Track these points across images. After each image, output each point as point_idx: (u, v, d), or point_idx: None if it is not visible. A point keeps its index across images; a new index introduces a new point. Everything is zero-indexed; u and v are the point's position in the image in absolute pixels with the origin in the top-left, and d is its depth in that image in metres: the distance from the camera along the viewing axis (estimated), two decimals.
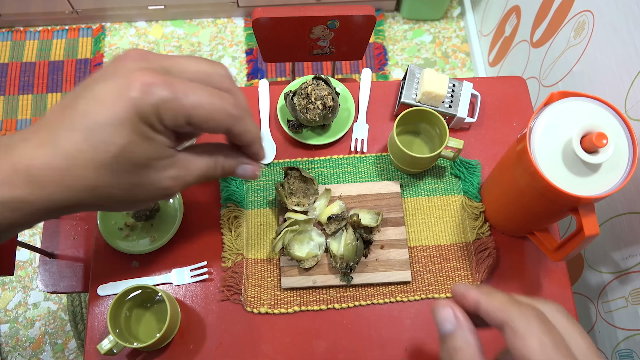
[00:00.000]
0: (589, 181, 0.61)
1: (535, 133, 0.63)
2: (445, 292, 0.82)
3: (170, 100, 0.42)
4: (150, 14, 1.95)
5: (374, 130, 0.93)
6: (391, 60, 1.94)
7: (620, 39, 0.95)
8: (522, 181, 0.67)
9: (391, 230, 0.84)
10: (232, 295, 0.81)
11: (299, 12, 1.06)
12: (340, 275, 0.81)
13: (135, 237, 0.83)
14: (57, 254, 1.16)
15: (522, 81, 0.98)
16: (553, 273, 0.84)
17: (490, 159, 0.91)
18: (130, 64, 0.43)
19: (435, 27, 2.00)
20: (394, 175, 0.90)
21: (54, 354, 1.53)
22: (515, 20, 1.52)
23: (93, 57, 1.92)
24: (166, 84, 0.42)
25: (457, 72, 1.91)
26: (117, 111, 0.40)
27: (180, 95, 0.43)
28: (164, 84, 0.42)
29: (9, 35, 1.95)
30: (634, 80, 0.91)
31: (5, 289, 1.60)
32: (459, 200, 0.88)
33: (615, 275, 0.97)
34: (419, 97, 0.89)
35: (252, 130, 0.50)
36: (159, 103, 0.42)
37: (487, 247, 0.83)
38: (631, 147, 0.62)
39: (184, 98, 0.43)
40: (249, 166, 0.53)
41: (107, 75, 0.42)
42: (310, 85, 0.84)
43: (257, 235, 0.85)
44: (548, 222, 0.77)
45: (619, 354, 0.97)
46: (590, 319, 1.06)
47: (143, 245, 0.82)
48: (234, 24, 1.98)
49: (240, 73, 1.90)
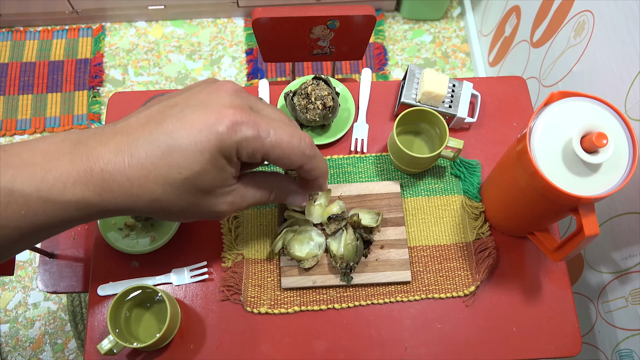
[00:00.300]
0: (589, 181, 0.61)
1: (535, 133, 0.63)
2: (445, 292, 0.82)
3: (253, 139, 0.45)
4: (150, 14, 1.95)
5: (374, 130, 0.93)
6: (391, 60, 1.94)
7: (620, 39, 0.95)
8: (522, 181, 0.67)
9: (391, 230, 0.84)
10: (232, 295, 0.81)
11: (299, 12, 1.06)
12: (340, 275, 0.81)
13: (135, 237, 0.83)
14: (57, 254, 1.16)
15: (522, 81, 0.98)
16: (553, 273, 0.84)
17: (490, 159, 0.91)
18: (225, 97, 0.46)
19: (435, 27, 2.00)
20: (394, 175, 0.90)
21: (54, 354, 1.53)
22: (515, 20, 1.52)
23: (93, 57, 1.92)
24: (253, 124, 0.45)
25: (457, 72, 1.91)
26: (201, 140, 0.42)
27: (263, 135, 0.45)
28: (251, 124, 0.44)
29: (9, 35, 1.95)
30: (634, 80, 0.91)
31: (5, 289, 1.60)
32: (459, 200, 0.88)
33: (615, 275, 0.97)
34: (419, 97, 0.89)
35: (321, 167, 0.55)
36: (242, 141, 0.44)
37: (487, 247, 0.83)
38: (631, 147, 0.62)
39: (266, 138, 0.46)
40: (299, 196, 0.59)
41: (199, 103, 0.44)
42: (310, 85, 0.84)
43: (257, 235, 0.85)
44: (548, 222, 0.77)
45: (619, 354, 0.97)
46: (590, 319, 1.06)
47: (143, 245, 0.82)
48: (234, 24, 1.99)
49: (240, 73, 1.90)
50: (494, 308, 0.81)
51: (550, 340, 0.80)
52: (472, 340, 0.79)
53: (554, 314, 0.81)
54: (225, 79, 1.88)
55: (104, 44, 1.95)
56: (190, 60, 1.92)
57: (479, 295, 0.82)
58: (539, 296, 0.82)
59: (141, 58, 1.92)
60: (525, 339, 0.80)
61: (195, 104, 0.44)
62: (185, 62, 1.91)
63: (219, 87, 0.47)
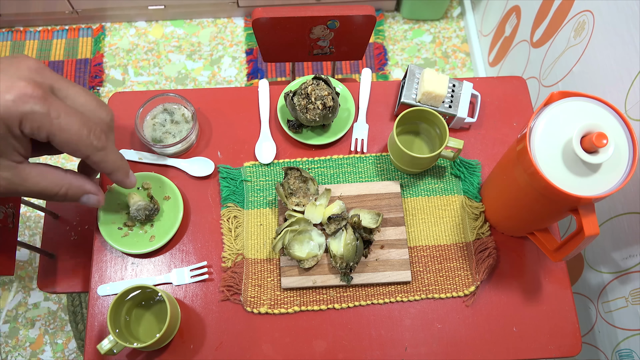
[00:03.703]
0: (589, 181, 0.61)
1: (535, 133, 0.63)
2: (445, 292, 0.82)
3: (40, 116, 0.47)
4: (150, 14, 1.95)
5: (374, 130, 0.93)
6: (391, 60, 1.94)
7: (620, 39, 0.95)
8: (522, 181, 0.67)
9: (391, 230, 0.84)
10: (232, 295, 0.81)
11: (299, 12, 1.06)
12: (340, 275, 0.81)
13: (135, 237, 0.83)
14: (57, 254, 1.16)
15: (522, 81, 0.98)
16: (553, 273, 0.84)
17: (490, 159, 0.91)
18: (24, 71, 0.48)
19: (435, 27, 2.00)
20: (394, 175, 0.90)
21: (54, 354, 1.53)
22: (515, 20, 1.52)
23: (93, 57, 1.92)
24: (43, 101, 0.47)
25: (457, 72, 1.91)
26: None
27: (53, 115, 0.48)
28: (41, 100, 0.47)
29: (9, 35, 1.95)
30: (634, 80, 0.91)
31: (5, 289, 1.60)
32: (459, 200, 0.88)
33: (615, 275, 0.97)
34: (419, 97, 0.89)
35: (113, 162, 0.58)
36: (28, 114, 0.46)
37: (487, 247, 0.83)
38: (631, 147, 0.62)
39: (55, 118, 0.48)
40: (93, 196, 0.62)
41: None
42: (310, 85, 0.84)
43: (257, 235, 0.85)
44: (548, 222, 0.77)
45: (619, 354, 0.97)
46: (590, 319, 1.06)
47: (143, 245, 0.82)
48: (234, 24, 1.98)
49: (240, 73, 1.90)
50: (494, 308, 0.81)
51: (550, 340, 0.80)
52: (472, 340, 0.79)
53: (554, 314, 0.81)
54: (225, 79, 1.88)
55: (104, 44, 1.95)
56: (190, 60, 1.92)
57: (479, 295, 0.82)
58: (539, 296, 0.82)
59: (141, 58, 1.92)
60: (525, 339, 0.80)
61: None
62: (185, 62, 1.91)
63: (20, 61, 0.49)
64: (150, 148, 0.88)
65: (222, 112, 0.94)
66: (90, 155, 0.54)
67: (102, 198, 0.63)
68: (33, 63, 0.49)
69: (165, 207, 0.85)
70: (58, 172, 0.56)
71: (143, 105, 0.86)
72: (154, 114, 0.88)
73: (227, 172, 0.88)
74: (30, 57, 0.50)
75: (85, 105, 0.53)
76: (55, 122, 0.48)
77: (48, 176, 0.54)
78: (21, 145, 0.50)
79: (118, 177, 0.62)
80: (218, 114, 0.93)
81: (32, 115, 0.47)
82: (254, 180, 0.89)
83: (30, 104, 0.46)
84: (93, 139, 0.52)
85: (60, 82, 0.51)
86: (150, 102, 0.87)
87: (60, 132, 0.49)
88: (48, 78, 0.50)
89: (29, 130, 0.48)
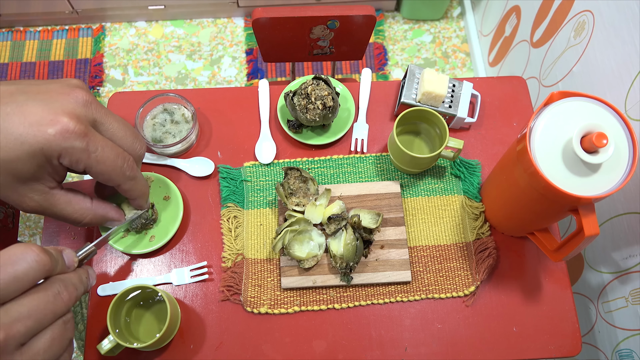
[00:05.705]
0: (589, 181, 0.61)
1: (535, 133, 0.63)
2: (445, 292, 0.82)
3: (80, 151, 0.49)
4: (150, 14, 1.95)
5: (374, 130, 0.93)
6: (391, 60, 1.94)
7: (620, 39, 0.95)
8: (522, 181, 0.67)
9: (391, 230, 0.84)
10: (232, 295, 0.81)
11: (299, 12, 1.06)
12: (340, 275, 0.81)
13: (135, 237, 0.83)
14: None
15: (522, 81, 0.98)
16: (553, 273, 0.84)
17: (490, 159, 0.91)
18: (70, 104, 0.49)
19: (435, 27, 2.00)
20: (394, 175, 0.90)
21: None
22: (515, 20, 1.52)
23: (93, 57, 1.92)
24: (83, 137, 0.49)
25: (457, 72, 1.91)
26: (27, 133, 0.46)
27: (91, 149, 0.50)
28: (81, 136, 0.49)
29: (9, 35, 1.95)
30: (634, 80, 0.91)
31: None
32: (459, 200, 0.88)
33: (615, 275, 0.97)
34: (419, 97, 0.89)
35: (140, 190, 0.62)
36: (68, 148, 0.48)
37: (487, 247, 0.83)
38: (631, 147, 0.62)
39: (93, 152, 0.50)
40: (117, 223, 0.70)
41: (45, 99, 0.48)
42: (310, 85, 0.84)
43: (257, 235, 0.85)
44: (548, 222, 0.77)
45: (619, 354, 0.97)
46: (590, 319, 1.06)
47: (143, 245, 0.82)
48: (234, 24, 1.99)
49: (240, 73, 1.91)
50: (494, 308, 0.81)
51: (550, 340, 0.80)
52: (472, 340, 0.79)
53: (554, 314, 0.81)
54: (225, 79, 1.88)
55: (104, 44, 1.95)
56: (190, 60, 1.92)
57: (479, 295, 0.82)
58: (539, 296, 0.82)
59: (141, 58, 1.92)
60: (525, 339, 0.80)
61: (42, 98, 0.48)
62: (185, 62, 1.91)
63: (70, 92, 0.50)
64: (150, 148, 0.88)
65: (222, 112, 0.94)
66: (122, 184, 0.58)
67: (123, 220, 0.70)
68: (83, 96, 0.50)
69: (165, 207, 0.84)
70: (85, 201, 0.59)
71: (143, 105, 0.86)
72: (154, 114, 0.88)
73: (227, 172, 0.88)
74: (82, 89, 0.51)
75: (123, 139, 0.56)
76: (93, 156, 0.50)
77: (74, 205, 0.57)
78: (57, 173, 0.52)
79: (140, 202, 0.67)
80: (218, 114, 0.93)
81: (72, 150, 0.48)
82: (254, 180, 0.89)
83: (70, 140, 0.48)
84: (126, 170, 0.55)
85: (103, 117, 0.53)
86: (150, 102, 0.87)
87: (97, 165, 0.51)
88: (92, 112, 0.51)
89: (67, 163, 0.50)
